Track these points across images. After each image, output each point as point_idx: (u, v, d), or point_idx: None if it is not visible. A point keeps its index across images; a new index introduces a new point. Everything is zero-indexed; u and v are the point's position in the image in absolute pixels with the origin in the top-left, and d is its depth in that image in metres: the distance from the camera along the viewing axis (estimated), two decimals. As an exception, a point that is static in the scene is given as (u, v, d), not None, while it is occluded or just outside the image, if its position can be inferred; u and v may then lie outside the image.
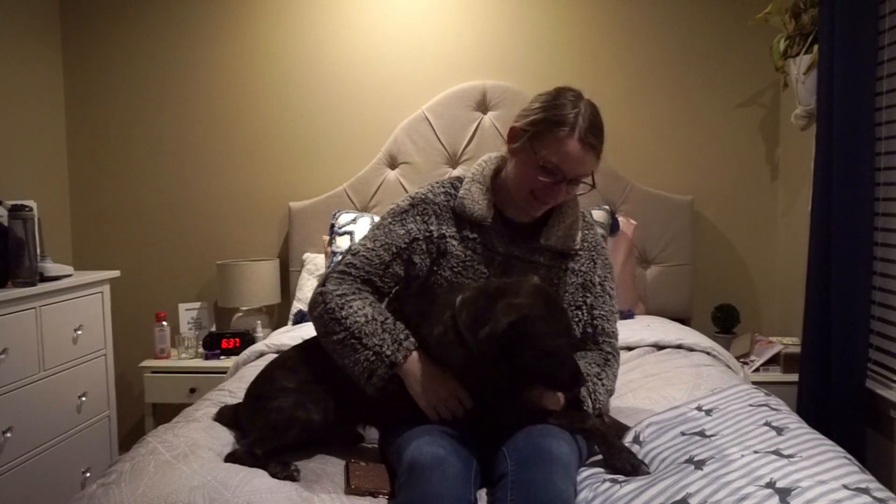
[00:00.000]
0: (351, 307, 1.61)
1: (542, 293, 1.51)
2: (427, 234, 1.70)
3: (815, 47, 2.51)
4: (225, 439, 1.68)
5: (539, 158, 1.60)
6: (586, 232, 1.76)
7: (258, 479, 1.46)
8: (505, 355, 1.45)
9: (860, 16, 2.22)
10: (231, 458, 1.56)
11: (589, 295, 1.73)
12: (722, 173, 3.26)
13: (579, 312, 1.72)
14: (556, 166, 1.60)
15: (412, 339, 1.59)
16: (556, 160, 1.59)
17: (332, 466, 1.58)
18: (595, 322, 1.73)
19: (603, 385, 1.66)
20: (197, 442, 1.62)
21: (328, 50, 3.30)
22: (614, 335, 1.77)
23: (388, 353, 1.57)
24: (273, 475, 1.48)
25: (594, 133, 1.61)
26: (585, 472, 1.54)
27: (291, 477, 1.49)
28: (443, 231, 1.70)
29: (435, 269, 1.69)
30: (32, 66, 3.18)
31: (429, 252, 1.70)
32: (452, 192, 1.74)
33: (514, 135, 1.67)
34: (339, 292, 1.64)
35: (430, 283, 1.69)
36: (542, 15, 3.24)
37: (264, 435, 1.58)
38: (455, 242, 1.69)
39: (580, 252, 1.73)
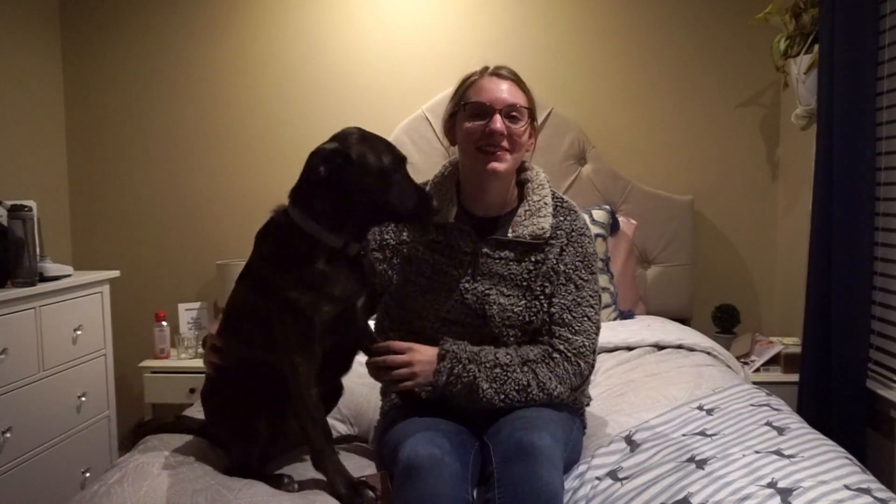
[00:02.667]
0: None
1: (351, 131, 1.49)
2: (382, 243, 1.73)
3: (816, 47, 2.52)
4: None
5: (466, 111, 1.66)
6: (561, 219, 1.68)
7: (261, 483, 1.46)
8: (342, 200, 1.43)
9: (860, 16, 2.22)
10: (229, 472, 1.54)
11: (548, 284, 1.63)
12: (722, 173, 3.25)
13: (536, 303, 1.63)
14: (480, 103, 1.64)
15: None
16: (477, 98, 1.65)
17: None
18: (552, 310, 1.62)
19: (502, 372, 1.53)
20: (201, 445, 1.62)
21: (328, 50, 3.30)
22: (579, 332, 1.61)
23: None
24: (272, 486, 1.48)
25: (506, 69, 1.70)
26: (583, 467, 1.54)
27: (290, 491, 1.48)
28: (403, 237, 1.71)
29: (410, 277, 1.69)
30: (32, 66, 3.17)
31: (387, 259, 1.72)
32: None
33: (448, 129, 1.74)
34: None
35: (408, 291, 1.69)
36: (542, 15, 3.23)
37: (241, 448, 1.54)
38: (421, 248, 1.69)
39: (552, 241, 1.65)
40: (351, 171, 1.42)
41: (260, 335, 1.50)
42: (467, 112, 1.65)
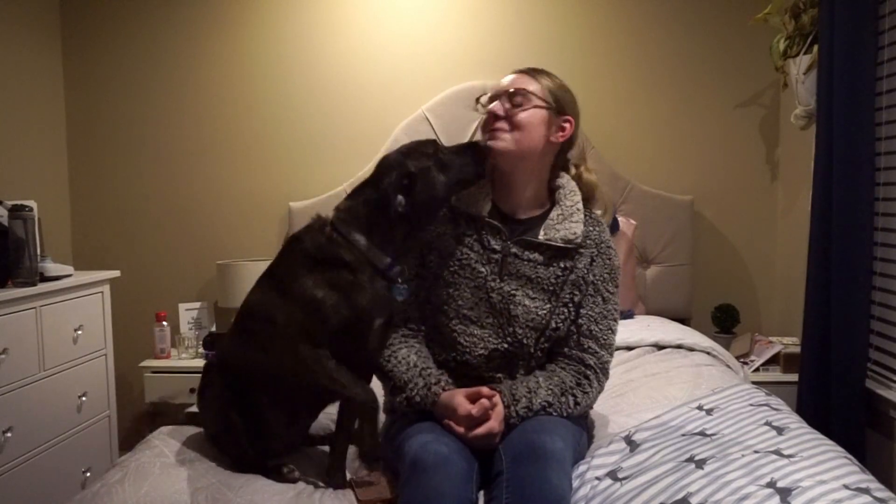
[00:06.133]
0: (396, 357, 1.62)
1: (406, 147, 1.58)
2: None
3: (815, 47, 2.52)
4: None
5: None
6: (591, 229, 1.69)
7: (262, 481, 1.46)
8: (417, 203, 1.50)
9: (860, 16, 2.22)
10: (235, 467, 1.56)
11: (577, 293, 1.65)
12: (722, 173, 3.26)
13: (565, 310, 1.64)
14: (490, 92, 1.72)
15: (441, 384, 1.58)
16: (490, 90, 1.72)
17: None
18: (580, 321, 1.64)
19: (545, 413, 1.55)
20: (202, 443, 1.62)
21: (328, 50, 3.30)
22: (605, 345, 1.65)
23: (418, 399, 1.57)
24: (272, 478, 1.50)
25: (530, 68, 1.76)
26: (583, 467, 1.54)
27: (291, 480, 1.50)
28: (437, 230, 1.69)
29: (434, 269, 1.68)
30: (32, 66, 3.18)
31: (420, 252, 1.71)
32: None
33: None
34: (388, 342, 1.66)
35: (430, 284, 1.68)
36: (542, 15, 3.24)
37: (227, 440, 1.57)
38: (450, 239, 1.68)
39: (581, 250, 1.66)
40: (420, 181, 1.50)
41: (263, 332, 1.51)
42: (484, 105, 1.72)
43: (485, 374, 1.63)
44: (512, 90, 1.66)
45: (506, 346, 1.63)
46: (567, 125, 1.70)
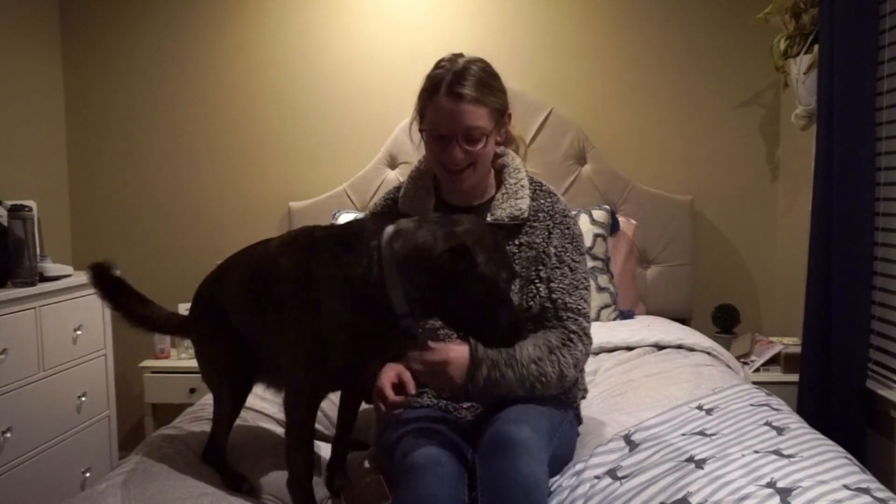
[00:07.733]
0: None
1: (485, 227, 1.43)
2: None
3: (816, 47, 2.52)
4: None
5: (425, 133, 1.63)
6: (542, 202, 1.68)
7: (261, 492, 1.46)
8: (442, 289, 1.34)
9: (860, 16, 2.22)
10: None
11: (542, 267, 1.63)
12: (722, 173, 3.25)
13: (533, 287, 1.62)
14: (435, 127, 1.60)
15: None
16: (433, 122, 1.61)
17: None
18: (553, 296, 1.62)
19: (536, 368, 1.52)
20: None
21: (328, 49, 3.30)
22: (581, 312, 1.63)
23: None
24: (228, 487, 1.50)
25: (463, 82, 1.58)
26: (581, 466, 1.54)
27: (247, 495, 1.49)
28: None
29: None
30: (32, 66, 3.18)
31: None
32: (396, 194, 1.75)
33: (418, 119, 1.70)
34: None
35: None
36: (541, 15, 3.23)
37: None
38: None
39: (533, 224, 1.65)
40: (469, 273, 1.33)
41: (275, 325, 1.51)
42: (426, 134, 1.63)
43: None
44: (467, 131, 1.57)
45: None
46: (508, 119, 1.68)
